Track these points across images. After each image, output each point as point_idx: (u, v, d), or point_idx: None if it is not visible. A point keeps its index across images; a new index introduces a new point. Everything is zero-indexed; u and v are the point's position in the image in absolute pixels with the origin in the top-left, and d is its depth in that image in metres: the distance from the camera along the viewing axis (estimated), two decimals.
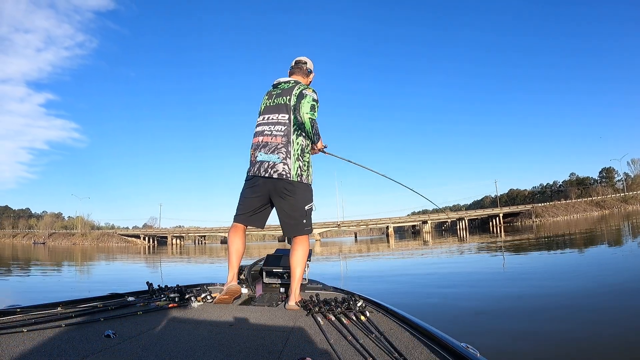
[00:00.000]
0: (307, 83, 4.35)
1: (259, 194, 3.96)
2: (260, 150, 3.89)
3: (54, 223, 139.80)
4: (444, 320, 5.92)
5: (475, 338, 4.98)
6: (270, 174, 3.79)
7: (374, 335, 2.61)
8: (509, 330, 5.40)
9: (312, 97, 3.89)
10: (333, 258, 24.14)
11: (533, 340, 4.91)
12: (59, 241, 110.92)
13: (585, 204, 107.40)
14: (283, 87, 4.10)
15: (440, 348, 2.29)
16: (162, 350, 2.38)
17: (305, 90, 3.96)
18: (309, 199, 3.95)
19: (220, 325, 3.08)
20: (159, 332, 2.81)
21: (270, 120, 3.95)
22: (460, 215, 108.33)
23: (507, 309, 6.59)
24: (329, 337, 2.58)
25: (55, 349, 2.30)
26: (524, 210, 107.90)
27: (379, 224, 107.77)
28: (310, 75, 4.40)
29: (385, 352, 2.28)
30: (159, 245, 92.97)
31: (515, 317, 6.10)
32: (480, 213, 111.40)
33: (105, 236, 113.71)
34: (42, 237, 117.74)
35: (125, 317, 3.23)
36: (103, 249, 66.88)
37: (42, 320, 2.92)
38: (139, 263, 27.33)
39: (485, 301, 7.37)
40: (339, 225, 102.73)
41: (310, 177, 4.01)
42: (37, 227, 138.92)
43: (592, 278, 9.24)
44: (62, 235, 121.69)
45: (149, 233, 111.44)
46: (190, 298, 3.87)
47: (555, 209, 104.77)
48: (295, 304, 3.71)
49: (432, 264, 16.63)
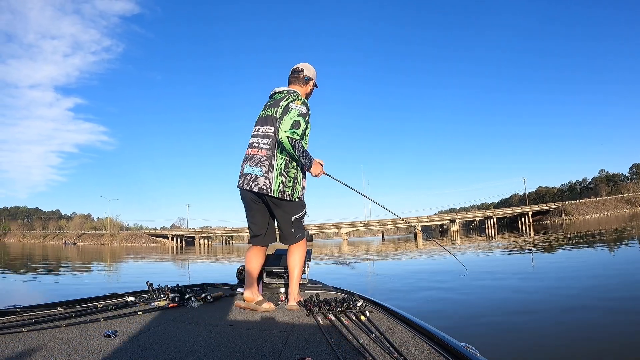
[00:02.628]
0: (305, 92, 4.14)
1: (253, 207, 3.87)
2: (247, 162, 3.79)
3: (83, 224, 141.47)
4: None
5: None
6: (251, 187, 3.68)
7: (374, 335, 2.60)
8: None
9: (298, 111, 3.63)
10: (360, 257, 23.69)
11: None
12: (88, 242, 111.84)
13: (615, 201, 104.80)
14: (276, 98, 3.94)
15: (440, 348, 2.28)
16: (162, 350, 2.38)
17: (293, 103, 3.72)
18: (297, 211, 3.84)
19: (220, 325, 3.08)
20: (159, 332, 2.81)
21: (259, 132, 3.84)
22: (488, 213, 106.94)
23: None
24: (329, 337, 2.57)
25: (55, 349, 2.31)
26: (554, 208, 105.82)
27: (406, 223, 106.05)
28: (308, 83, 4.14)
29: (385, 352, 2.27)
30: (186, 245, 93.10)
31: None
32: (509, 211, 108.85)
33: (134, 237, 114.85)
34: (73, 238, 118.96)
35: (125, 317, 3.24)
36: (132, 249, 67.33)
37: (42, 320, 2.94)
38: (167, 262, 27.66)
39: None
40: (366, 224, 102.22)
41: (297, 193, 3.78)
42: (66, 228, 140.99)
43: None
44: (92, 236, 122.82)
45: (177, 233, 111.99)
46: (190, 298, 3.89)
47: (585, 206, 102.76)
48: (295, 304, 3.71)
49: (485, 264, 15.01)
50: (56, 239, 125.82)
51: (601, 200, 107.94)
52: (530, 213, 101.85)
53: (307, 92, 4.17)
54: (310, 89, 4.20)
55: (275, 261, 4.73)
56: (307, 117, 3.71)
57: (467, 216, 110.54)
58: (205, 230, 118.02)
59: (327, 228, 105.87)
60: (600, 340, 4.84)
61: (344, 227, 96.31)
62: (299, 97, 3.83)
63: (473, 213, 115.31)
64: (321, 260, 22.09)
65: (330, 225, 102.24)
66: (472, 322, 5.94)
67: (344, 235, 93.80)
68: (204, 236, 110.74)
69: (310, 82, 4.15)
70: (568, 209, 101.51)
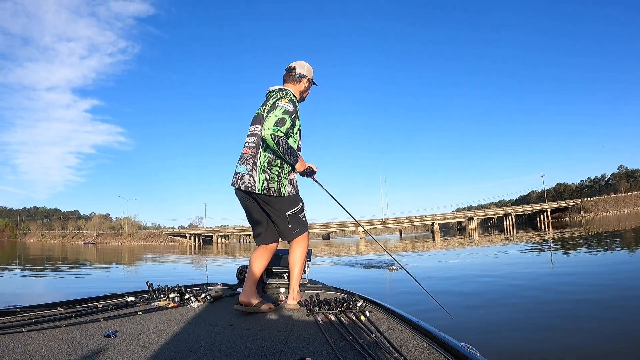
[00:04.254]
0: (299, 90, 4.08)
1: (248, 206, 3.84)
2: (239, 161, 3.80)
3: (102, 224, 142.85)
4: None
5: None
6: (239, 185, 3.68)
7: (374, 335, 2.59)
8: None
9: (284, 108, 3.55)
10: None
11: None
12: (107, 241, 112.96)
13: (635, 198, 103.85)
14: (268, 97, 3.93)
15: (440, 348, 2.28)
16: (162, 350, 2.38)
17: (280, 101, 3.65)
18: (289, 207, 3.76)
19: (220, 325, 3.08)
20: (159, 332, 2.81)
21: (250, 131, 3.84)
22: (506, 211, 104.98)
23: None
24: (329, 337, 2.57)
25: (55, 348, 2.31)
26: (572, 205, 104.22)
27: (424, 221, 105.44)
28: (301, 80, 4.08)
29: (385, 352, 2.26)
30: (204, 244, 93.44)
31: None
32: (527, 209, 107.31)
33: (152, 236, 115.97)
34: (92, 238, 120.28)
35: (125, 317, 3.24)
36: (150, 248, 67.58)
37: (42, 320, 2.94)
38: (185, 261, 27.84)
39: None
40: (383, 222, 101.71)
41: (285, 188, 3.69)
42: (85, 228, 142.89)
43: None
44: (110, 235, 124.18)
45: (195, 232, 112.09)
46: (190, 298, 3.89)
47: (604, 203, 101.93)
48: (295, 303, 3.69)
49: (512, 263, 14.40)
50: (75, 238, 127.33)
51: (621, 197, 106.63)
52: (549, 210, 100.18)
53: (302, 89, 4.10)
54: (305, 86, 4.12)
55: (276, 261, 4.72)
56: (294, 115, 3.64)
57: (485, 214, 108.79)
58: (223, 229, 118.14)
59: (344, 226, 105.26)
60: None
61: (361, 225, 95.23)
62: (287, 95, 3.76)
63: (491, 210, 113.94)
64: (346, 257, 21.37)
65: (348, 224, 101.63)
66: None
67: (362, 234, 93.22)
68: (221, 235, 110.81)
69: (303, 80, 4.08)
70: (587, 206, 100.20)
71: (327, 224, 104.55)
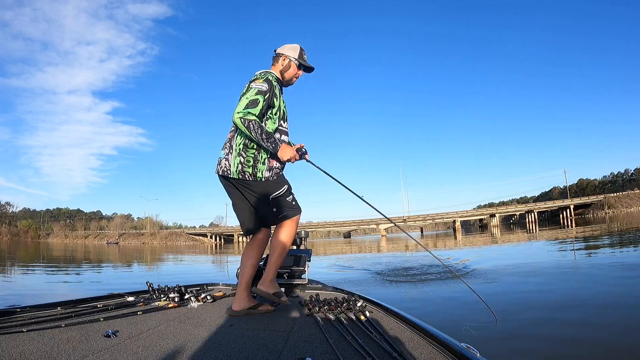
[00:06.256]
0: (278, 70, 3.81)
1: (232, 193, 3.66)
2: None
3: (124, 224, 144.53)
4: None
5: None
6: (217, 170, 3.57)
7: (374, 335, 2.59)
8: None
9: (257, 89, 3.37)
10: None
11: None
12: (129, 241, 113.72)
13: None
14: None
15: (440, 348, 2.28)
16: (162, 350, 2.38)
17: (254, 82, 3.45)
18: (271, 191, 3.49)
19: (220, 325, 3.08)
20: (159, 332, 2.81)
21: None
22: (529, 207, 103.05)
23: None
24: (329, 337, 2.57)
25: (55, 348, 2.31)
26: (596, 201, 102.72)
27: (445, 218, 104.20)
28: (279, 59, 3.82)
29: (385, 352, 2.26)
30: (225, 243, 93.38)
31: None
32: (550, 205, 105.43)
33: (174, 235, 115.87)
34: (114, 238, 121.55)
35: (125, 317, 3.25)
36: (171, 247, 68.08)
37: (42, 320, 2.95)
38: (207, 260, 28.34)
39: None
40: (404, 220, 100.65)
41: (261, 172, 3.45)
42: (107, 228, 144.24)
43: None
44: (132, 235, 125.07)
45: (216, 232, 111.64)
46: (190, 298, 3.89)
47: (628, 199, 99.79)
48: (263, 289, 3.51)
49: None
50: (97, 238, 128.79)
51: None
52: (572, 207, 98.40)
53: (281, 69, 3.81)
54: (284, 64, 3.80)
55: None
56: (268, 95, 3.42)
57: (507, 210, 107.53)
58: None
59: (365, 224, 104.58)
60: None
61: (382, 223, 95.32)
62: (263, 76, 3.53)
63: (513, 207, 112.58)
64: (377, 258, 18.71)
65: (369, 222, 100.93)
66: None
67: (383, 232, 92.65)
68: (242, 234, 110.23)
69: (280, 58, 3.81)
70: (611, 202, 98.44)
71: (347, 222, 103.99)
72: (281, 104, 3.68)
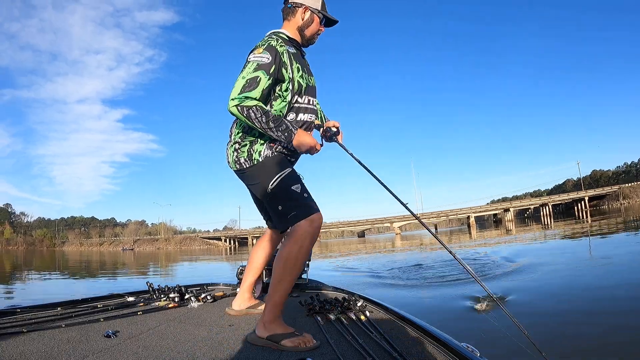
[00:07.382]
0: (295, 26, 2.90)
1: (248, 187, 3.05)
2: None
3: (138, 230, 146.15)
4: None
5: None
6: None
7: (374, 335, 2.59)
8: None
9: (256, 63, 2.56)
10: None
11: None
12: (144, 247, 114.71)
13: None
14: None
15: (440, 348, 2.28)
16: (162, 350, 2.38)
17: (252, 54, 2.64)
18: (270, 176, 2.66)
19: (220, 325, 3.08)
20: (159, 332, 2.81)
21: None
22: (543, 201, 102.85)
23: None
24: (329, 337, 2.57)
25: (55, 348, 2.31)
26: (611, 192, 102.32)
27: (459, 214, 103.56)
28: (296, 11, 2.88)
29: (385, 352, 2.26)
30: (239, 246, 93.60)
31: None
32: (564, 197, 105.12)
33: (188, 240, 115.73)
34: (129, 244, 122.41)
35: (126, 317, 3.25)
36: (186, 252, 68.46)
37: (42, 320, 2.96)
38: (222, 262, 28.77)
39: None
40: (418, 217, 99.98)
41: (256, 153, 2.72)
42: (122, 235, 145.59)
43: None
44: (147, 241, 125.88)
45: (230, 235, 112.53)
46: (190, 298, 3.89)
47: None
48: (255, 335, 2.59)
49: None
50: (112, 245, 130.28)
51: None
52: (586, 198, 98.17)
53: (299, 24, 2.90)
54: (304, 18, 2.88)
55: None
56: (273, 67, 2.59)
57: (521, 204, 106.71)
58: (258, 231, 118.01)
59: (379, 223, 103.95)
60: None
61: (396, 221, 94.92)
62: (265, 42, 2.67)
63: (527, 201, 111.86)
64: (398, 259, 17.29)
65: (383, 220, 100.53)
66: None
67: (397, 230, 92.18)
68: (256, 236, 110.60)
69: (299, 10, 2.87)
70: (625, 193, 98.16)
71: (361, 222, 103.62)
72: (295, 74, 2.76)
